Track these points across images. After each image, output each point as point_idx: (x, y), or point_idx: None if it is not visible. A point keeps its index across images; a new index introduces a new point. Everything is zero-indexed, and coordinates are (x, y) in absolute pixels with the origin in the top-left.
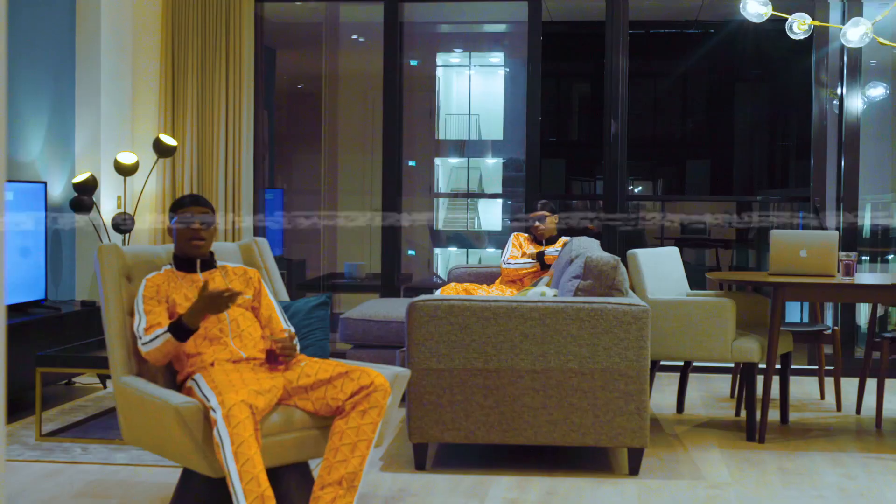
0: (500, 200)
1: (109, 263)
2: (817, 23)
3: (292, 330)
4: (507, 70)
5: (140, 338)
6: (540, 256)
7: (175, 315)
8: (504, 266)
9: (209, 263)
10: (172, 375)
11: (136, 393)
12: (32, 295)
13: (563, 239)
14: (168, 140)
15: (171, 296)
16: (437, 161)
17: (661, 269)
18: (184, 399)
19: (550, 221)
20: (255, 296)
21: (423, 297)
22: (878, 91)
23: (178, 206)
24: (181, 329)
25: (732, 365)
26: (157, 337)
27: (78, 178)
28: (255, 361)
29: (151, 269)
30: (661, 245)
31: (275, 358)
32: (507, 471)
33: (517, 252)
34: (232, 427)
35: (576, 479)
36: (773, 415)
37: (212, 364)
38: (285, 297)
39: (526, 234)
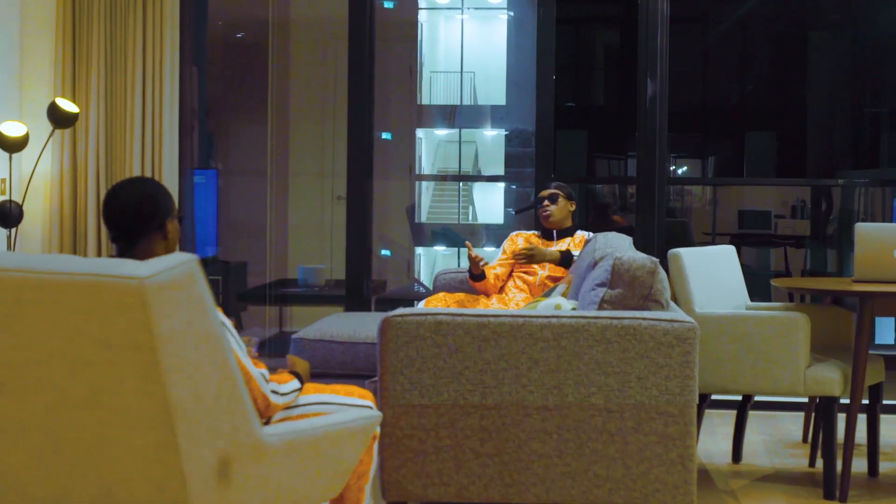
0: (501, 185)
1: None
2: None
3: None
4: (512, 14)
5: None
6: (567, 257)
7: None
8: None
9: None
10: None
11: (307, 433)
12: None
13: (582, 234)
14: (67, 106)
15: None
16: (420, 133)
17: (713, 275)
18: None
19: (562, 204)
20: None
21: (400, 310)
22: None
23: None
24: None
25: (806, 400)
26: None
27: None
28: None
29: None
30: (713, 243)
31: None
32: None
33: (502, 260)
34: None
35: None
36: (859, 465)
37: None
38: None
39: (532, 232)
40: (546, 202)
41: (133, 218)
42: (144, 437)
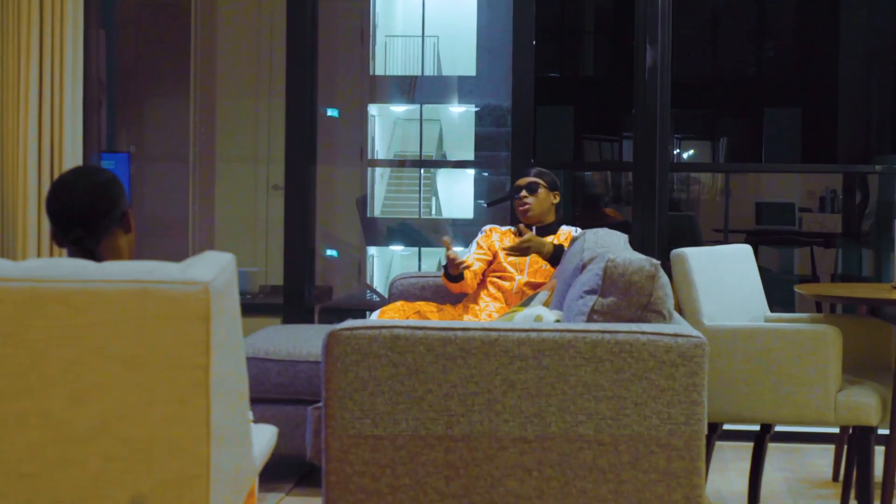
0: (471, 172)
1: None
2: None
3: None
4: None
5: None
6: (559, 252)
7: None
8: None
9: None
10: None
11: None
12: None
13: (568, 231)
14: None
15: None
16: (373, 110)
17: (725, 280)
18: None
19: (543, 196)
20: None
21: (350, 322)
22: None
23: None
24: None
25: (837, 431)
26: None
27: None
28: None
29: None
30: (725, 242)
31: None
32: None
33: (479, 255)
34: None
35: None
36: None
37: None
38: None
39: (508, 228)
40: (524, 193)
41: (94, 211)
42: (166, 468)
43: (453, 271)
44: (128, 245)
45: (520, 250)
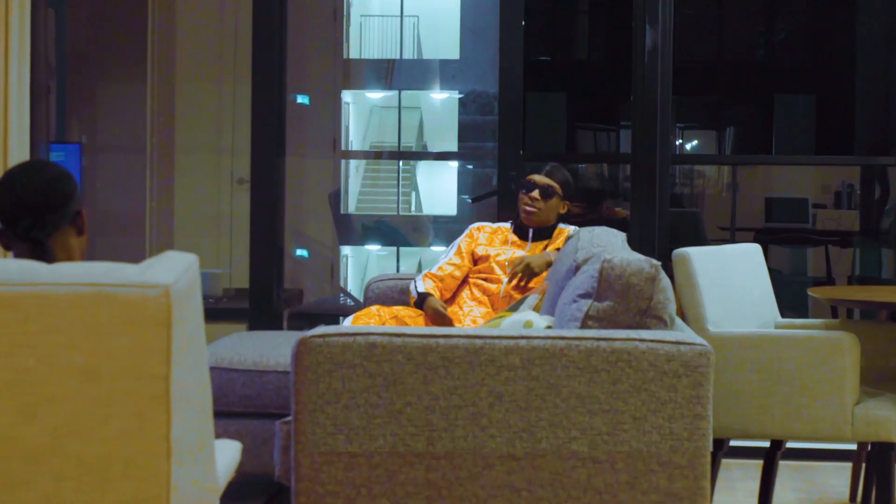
0: (454, 165)
1: None
2: None
3: None
4: None
5: None
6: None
7: None
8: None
9: None
10: None
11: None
12: None
13: (563, 229)
14: None
15: None
16: (347, 97)
17: (732, 282)
18: None
19: (555, 204)
20: None
21: (322, 329)
22: None
23: None
24: None
25: (854, 447)
26: None
27: None
28: None
29: None
30: (732, 240)
31: None
32: None
33: (453, 261)
34: None
35: None
36: None
37: None
38: None
39: (499, 225)
40: (536, 193)
41: (46, 205)
42: (123, 487)
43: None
44: (79, 248)
45: (525, 276)
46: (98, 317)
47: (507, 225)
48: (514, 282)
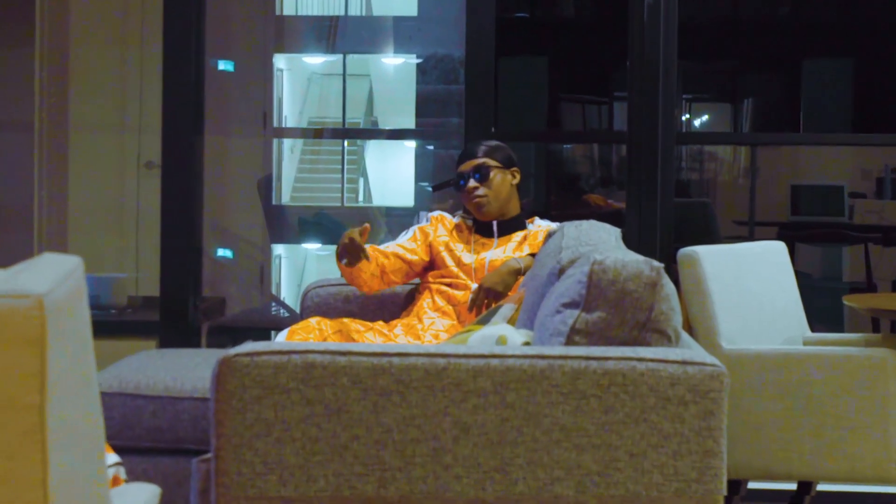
0: (411, 145)
1: None
2: None
3: None
4: None
5: None
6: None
7: None
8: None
9: None
10: None
11: None
12: None
13: (543, 227)
14: None
15: None
16: (280, 62)
17: (751, 288)
18: None
19: (498, 181)
20: None
21: (249, 346)
22: None
23: None
24: None
25: None
26: None
27: None
28: None
29: None
30: (751, 237)
31: None
32: None
33: (406, 245)
34: None
35: None
36: None
37: None
38: None
39: (460, 218)
40: (472, 183)
41: None
42: None
43: (348, 258)
44: None
45: (492, 298)
46: None
47: (465, 216)
48: (476, 312)
